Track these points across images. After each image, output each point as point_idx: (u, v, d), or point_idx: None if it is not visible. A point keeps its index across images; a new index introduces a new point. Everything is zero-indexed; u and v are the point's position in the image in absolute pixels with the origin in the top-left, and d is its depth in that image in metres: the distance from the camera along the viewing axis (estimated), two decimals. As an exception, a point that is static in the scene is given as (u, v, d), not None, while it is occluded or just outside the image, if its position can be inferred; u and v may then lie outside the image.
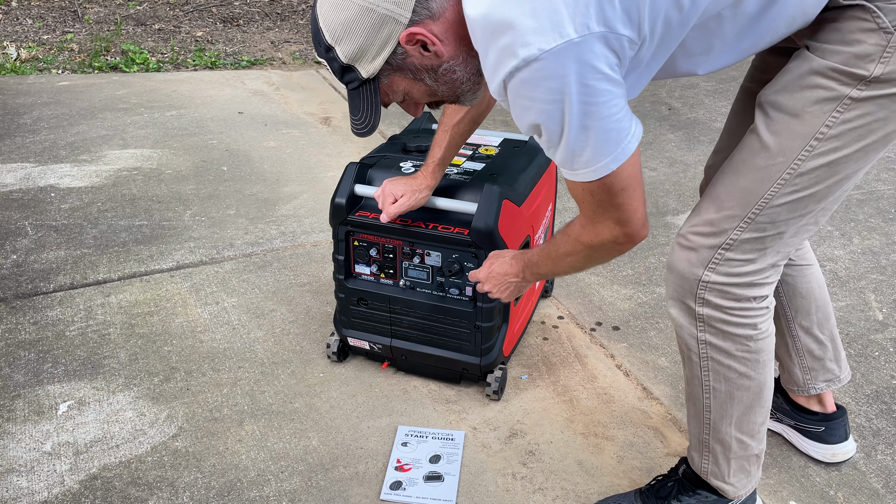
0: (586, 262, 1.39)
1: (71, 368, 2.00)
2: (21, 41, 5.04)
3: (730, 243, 1.26)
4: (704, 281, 1.29)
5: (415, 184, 1.74)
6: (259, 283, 2.41)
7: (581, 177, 1.18)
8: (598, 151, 1.13)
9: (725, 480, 1.46)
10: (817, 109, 1.17)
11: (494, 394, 1.90)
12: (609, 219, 1.25)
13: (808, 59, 1.18)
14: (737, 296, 1.29)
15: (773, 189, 1.22)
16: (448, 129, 1.71)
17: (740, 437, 1.41)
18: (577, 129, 1.10)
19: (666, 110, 4.00)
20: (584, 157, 1.14)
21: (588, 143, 1.12)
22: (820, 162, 1.19)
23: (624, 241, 1.27)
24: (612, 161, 1.14)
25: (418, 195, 1.73)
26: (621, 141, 1.13)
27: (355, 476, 1.69)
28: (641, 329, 2.23)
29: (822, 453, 1.73)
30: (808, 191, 1.22)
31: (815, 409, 1.72)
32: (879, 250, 2.67)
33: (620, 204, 1.21)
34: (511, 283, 1.59)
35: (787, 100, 1.20)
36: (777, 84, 1.23)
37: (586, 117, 1.08)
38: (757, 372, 1.36)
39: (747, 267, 1.27)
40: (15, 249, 2.55)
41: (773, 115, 1.22)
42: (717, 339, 1.33)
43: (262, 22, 5.82)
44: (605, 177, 1.16)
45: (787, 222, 1.24)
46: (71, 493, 1.63)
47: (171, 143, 3.46)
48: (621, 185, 1.18)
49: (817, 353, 1.65)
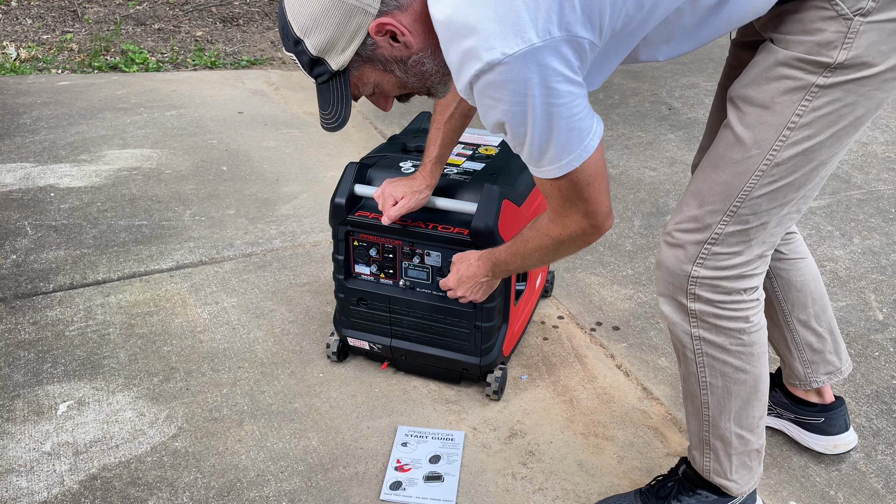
0: (555, 254, 1.44)
1: (70, 368, 2.00)
2: (21, 41, 5.04)
3: (715, 237, 1.28)
4: (694, 276, 1.30)
5: (414, 184, 1.74)
6: (259, 283, 2.40)
7: (547, 174, 1.22)
8: (562, 150, 1.17)
9: (728, 477, 1.46)
10: (787, 99, 1.19)
11: (494, 394, 1.89)
12: (576, 212, 1.29)
13: (772, 52, 1.21)
14: (727, 289, 1.30)
15: (751, 181, 1.24)
16: (440, 127, 1.72)
17: (740, 433, 1.42)
18: (541, 128, 1.14)
19: (666, 110, 4.00)
20: (548, 155, 1.18)
21: (552, 141, 1.16)
22: (794, 151, 1.21)
23: (591, 232, 1.33)
24: (576, 158, 1.18)
25: (418, 196, 1.73)
26: (583, 139, 1.17)
27: (355, 476, 1.69)
28: (641, 329, 2.23)
29: (824, 445, 1.73)
30: (785, 180, 1.24)
31: (813, 401, 1.73)
32: (879, 250, 2.67)
33: (587, 198, 1.26)
34: (482, 283, 1.64)
35: (756, 93, 1.22)
36: (745, 78, 1.25)
37: (549, 118, 1.12)
38: (752, 365, 1.37)
39: (735, 259, 1.29)
40: (15, 249, 2.55)
41: (744, 108, 1.24)
42: (711, 334, 1.34)
43: (262, 22, 5.82)
44: (571, 173, 1.20)
45: (768, 212, 1.26)
46: (71, 494, 1.63)
47: (171, 143, 3.46)
48: (587, 181, 1.23)
49: (816, 345, 1.65)
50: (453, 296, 1.70)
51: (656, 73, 4.59)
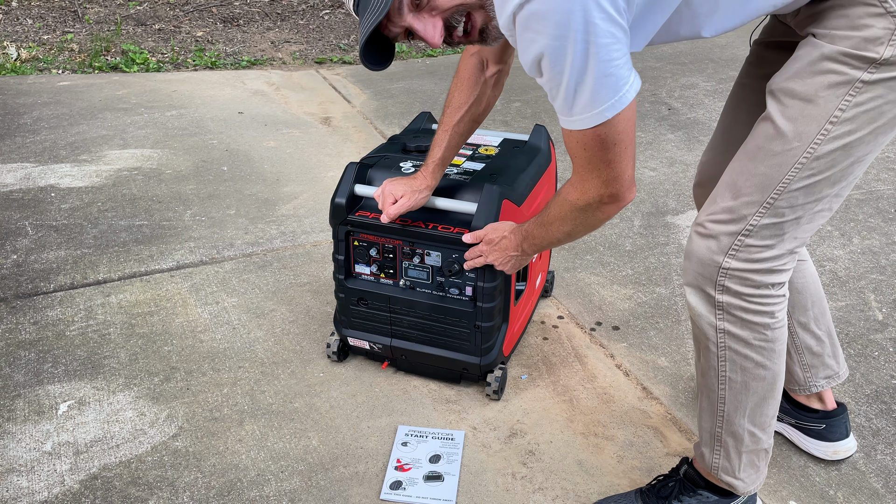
0: (574, 226, 1.43)
1: (71, 368, 2.00)
2: (21, 41, 5.04)
3: (749, 229, 1.28)
4: (725, 268, 1.30)
5: (415, 184, 1.74)
6: (259, 283, 2.41)
7: (578, 123, 1.20)
8: (597, 96, 1.15)
9: (736, 476, 1.46)
10: (830, 94, 1.19)
11: (494, 393, 1.90)
12: (597, 176, 1.28)
13: (817, 46, 1.20)
14: (756, 282, 1.30)
15: (790, 174, 1.24)
16: (448, 129, 1.72)
17: (752, 430, 1.42)
18: (579, 67, 1.12)
19: (666, 110, 4.00)
20: (582, 99, 1.16)
21: (587, 84, 1.14)
22: (835, 145, 1.22)
23: (609, 201, 1.32)
24: (609, 108, 1.17)
25: (418, 195, 1.74)
26: (619, 88, 1.15)
27: (355, 476, 1.69)
28: (641, 329, 2.23)
29: (824, 451, 1.73)
30: (823, 174, 1.24)
31: (815, 407, 1.72)
32: (879, 250, 2.67)
33: (611, 160, 1.24)
34: (512, 257, 1.64)
35: (799, 86, 1.22)
36: (788, 71, 1.25)
37: (587, 57, 1.11)
38: (772, 362, 1.37)
39: (766, 253, 1.29)
40: (15, 249, 2.55)
41: (786, 101, 1.24)
42: (736, 327, 1.34)
43: (262, 22, 5.82)
44: (600, 126, 1.19)
45: (803, 206, 1.26)
46: (71, 493, 1.63)
47: (172, 143, 3.46)
48: (614, 140, 1.21)
49: (816, 349, 1.65)
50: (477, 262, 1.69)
51: (656, 74, 4.59)
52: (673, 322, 2.26)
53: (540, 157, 2.02)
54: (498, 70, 1.68)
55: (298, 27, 5.75)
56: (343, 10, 6.18)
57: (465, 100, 1.69)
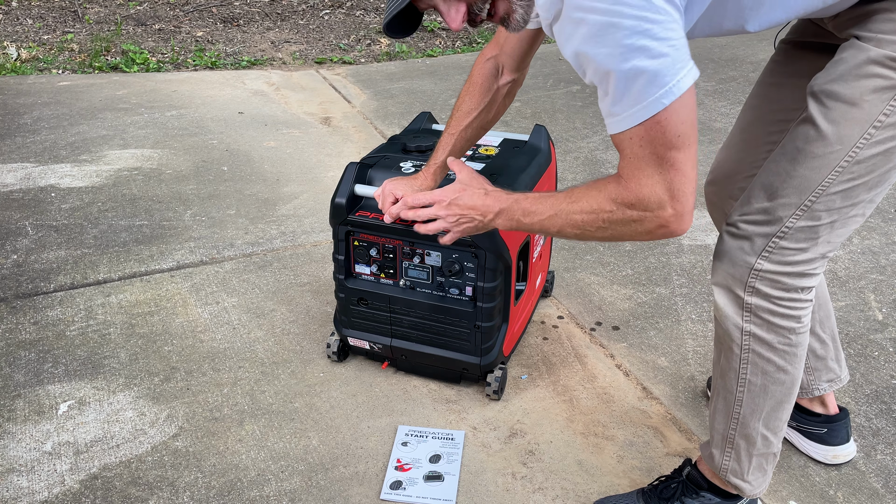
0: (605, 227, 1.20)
1: (71, 368, 2.00)
2: (21, 41, 5.04)
3: (784, 231, 1.26)
4: (757, 269, 1.29)
5: (415, 184, 1.73)
6: (259, 283, 2.41)
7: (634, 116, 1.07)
8: (655, 76, 1.03)
9: (744, 478, 1.46)
10: (876, 98, 1.18)
11: (494, 393, 1.90)
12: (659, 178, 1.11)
13: (863, 49, 1.19)
14: (787, 286, 1.29)
15: (830, 176, 1.23)
16: (455, 134, 1.69)
17: (765, 434, 1.41)
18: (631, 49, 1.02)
19: (666, 110, 4.00)
20: (640, 82, 1.04)
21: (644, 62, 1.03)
22: (877, 150, 1.20)
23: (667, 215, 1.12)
24: (668, 93, 1.04)
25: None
26: (678, 70, 1.04)
27: (355, 476, 1.69)
28: (641, 329, 2.23)
29: (823, 454, 1.73)
30: (862, 179, 1.23)
31: (817, 411, 1.72)
32: (879, 250, 2.67)
33: (674, 160, 1.09)
34: (473, 219, 1.38)
35: (843, 89, 1.20)
36: (831, 73, 1.23)
37: (641, 35, 1.01)
38: (793, 366, 1.36)
39: (800, 256, 1.27)
40: (15, 249, 2.55)
41: (829, 104, 1.22)
42: (762, 330, 1.33)
43: (262, 22, 5.82)
44: (659, 115, 1.06)
45: (840, 210, 1.25)
46: (71, 493, 1.63)
47: (172, 143, 3.46)
48: (676, 130, 1.07)
49: (819, 352, 1.65)
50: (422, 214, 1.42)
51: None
52: (673, 322, 2.26)
53: (540, 158, 2.02)
54: (513, 80, 1.66)
55: (298, 27, 5.75)
56: (343, 10, 6.18)
57: (475, 106, 1.66)
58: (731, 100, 4.13)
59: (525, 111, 4.00)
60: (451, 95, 4.20)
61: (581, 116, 3.88)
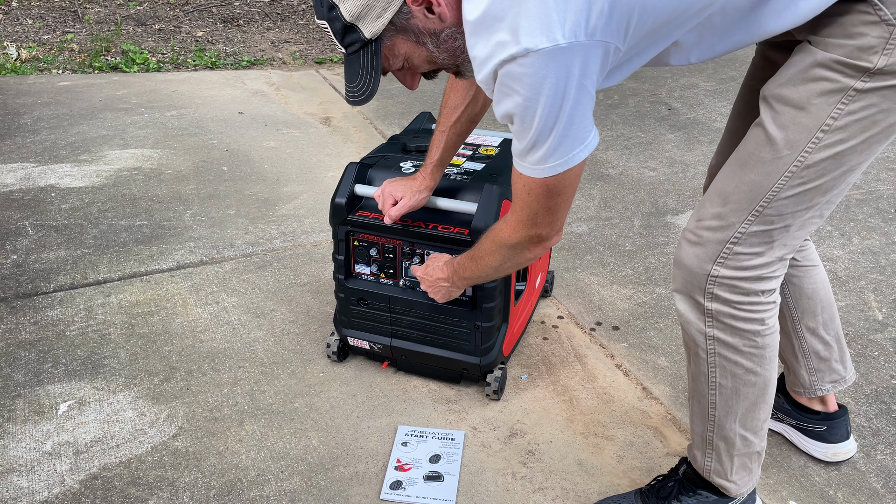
0: (501, 261, 1.47)
1: (71, 368, 2.00)
2: (21, 41, 5.04)
3: (738, 237, 1.27)
4: (713, 275, 1.29)
5: (414, 185, 1.74)
6: (259, 283, 2.41)
7: (531, 171, 1.24)
8: (555, 152, 1.20)
9: (728, 478, 1.46)
10: (823, 101, 1.18)
11: (494, 393, 1.90)
12: (533, 220, 1.33)
13: (811, 53, 1.19)
14: (745, 290, 1.29)
15: (780, 182, 1.23)
16: (445, 130, 1.71)
17: (744, 434, 1.42)
18: (545, 125, 1.16)
19: (666, 110, 4.01)
20: (540, 153, 1.20)
21: (549, 140, 1.18)
22: (826, 154, 1.20)
23: (536, 242, 1.38)
24: (563, 164, 1.21)
25: (418, 196, 1.74)
26: (575, 147, 1.20)
27: (355, 476, 1.69)
28: (641, 329, 2.23)
29: (824, 452, 1.73)
30: (814, 183, 1.23)
31: (817, 409, 1.72)
32: (879, 250, 2.67)
33: (551, 207, 1.30)
34: (442, 286, 1.68)
35: (792, 93, 1.21)
36: (781, 78, 1.24)
37: (556, 118, 1.15)
38: (763, 368, 1.36)
39: (755, 260, 1.28)
40: (15, 249, 2.55)
41: (778, 108, 1.23)
42: (725, 334, 1.33)
43: (262, 22, 5.82)
44: (551, 178, 1.23)
45: (793, 215, 1.25)
46: (71, 493, 1.63)
47: (172, 143, 3.46)
48: (559, 190, 1.26)
49: (823, 353, 1.65)
50: None
51: (656, 74, 4.59)
52: (673, 322, 2.26)
53: (540, 157, 2.02)
54: None
55: (298, 27, 5.75)
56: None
57: (460, 100, 1.68)
58: (730, 100, 4.13)
59: (525, 111, 4.00)
60: (451, 95, 4.20)
61: (581, 116, 3.88)
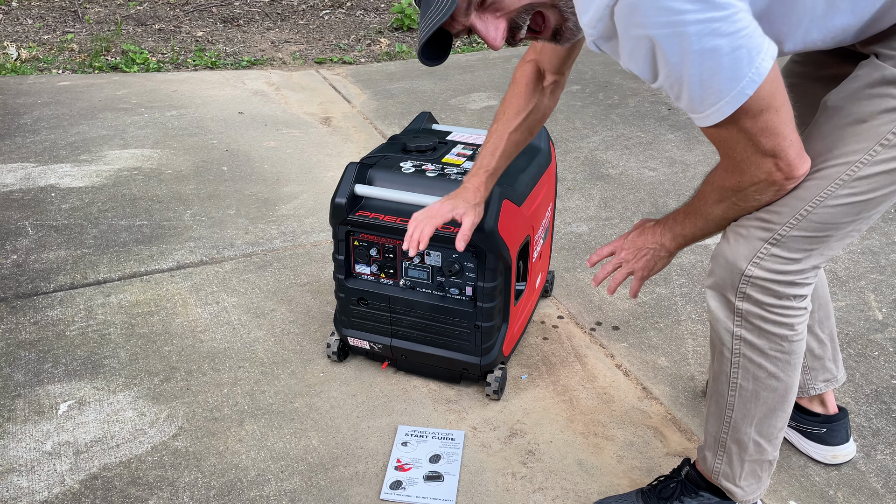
0: (740, 208, 1.27)
1: (71, 368, 2.00)
2: (21, 41, 5.04)
3: (777, 238, 1.25)
4: (747, 275, 1.28)
5: (468, 196, 1.63)
6: (259, 283, 2.41)
7: (718, 114, 1.08)
8: (731, 77, 1.03)
9: (736, 483, 1.45)
10: (886, 118, 1.17)
11: (494, 393, 1.90)
12: (752, 151, 1.13)
13: (879, 68, 1.17)
14: (778, 293, 1.28)
15: (829, 189, 1.21)
16: (504, 136, 1.63)
17: (758, 440, 1.41)
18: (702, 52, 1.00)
19: (666, 110, 4.00)
20: (714, 87, 1.04)
21: (717, 67, 1.02)
22: (880, 168, 1.19)
23: (779, 176, 1.17)
24: (748, 84, 1.04)
25: (478, 209, 1.64)
26: (753, 60, 1.03)
27: (355, 476, 1.69)
28: (641, 329, 2.23)
29: (823, 454, 1.73)
30: (863, 196, 1.21)
31: (817, 411, 1.72)
32: (879, 250, 2.67)
33: (763, 128, 1.10)
34: (648, 250, 1.46)
35: (854, 106, 1.19)
36: (845, 90, 1.22)
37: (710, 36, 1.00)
38: (786, 374, 1.35)
39: (791, 266, 1.26)
40: (15, 249, 2.55)
41: (837, 119, 1.21)
42: (753, 335, 1.32)
43: (262, 22, 5.82)
44: (744, 104, 1.06)
45: (836, 225, 1.24)
46: (71, 493, 1.63)
47: (172, 143, 3.46)
48: (760, 106, 1.07)
49: (817, 352, 1.65)
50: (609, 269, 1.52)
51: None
52: (673, 322, 2.26)
53: (540, 157, 2.02)
54: (555, 81, 1.62)
55: (298, 27, 5.75)
56: (343, 10, 6.18)
57: (522, 107, 1.62)
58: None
59: (525, 111, 4.00)
60: (451, 95, 4.20)
61: (581, 116, 3.88)
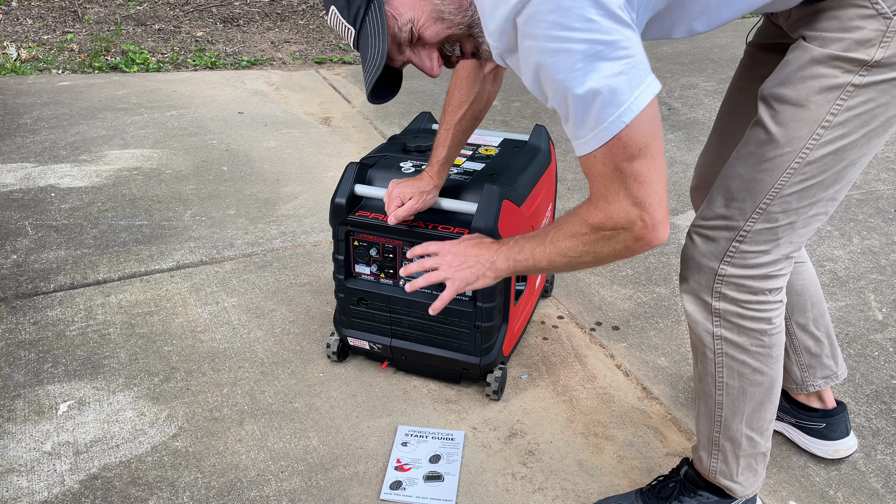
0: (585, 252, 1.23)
1: (71, 368, 2.00)
2: (21, 41, 5.04)
3: (743, 235, 1.27)
4: (721, 274, 1.30)
5: (422, 185, 1.74)
6: (259, 283, 2.41)
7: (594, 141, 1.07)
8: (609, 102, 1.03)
9: (734, 479, 1.46)
10: (821, 98, 1.18)
11: (494, 394, 1.90)
12: (624, 194, 1.11)
13: (807, 50, 1.19)
14: (753, 288, 1.30)
15: (782, 179, 1.23)
16: (450, 128, 1.71)
17: (750, 435, 1.42)
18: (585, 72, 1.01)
19: (666, 110, 4.01)
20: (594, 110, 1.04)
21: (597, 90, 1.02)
22: (827, 150, 1.21)
23: (640, 231, 1.13)
24: (625, 112, 1.04)
25: (426, 196, 1.73)
26: (634, 89, 1.03)
27: (355, 476, 1.69)
28: (641, 329, 2.23)
29: (825, 450, 1.73)
30: (816, 179, 1.23)
31: (815, 406, 1.73)
32: (879, 250, 2.67)
33: (637, 172, 1.08)
34: (477, 263, 1.41)
35: (790, 91, 1.21)
36: (778, 76, 1.24)
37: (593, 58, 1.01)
38: (769, 367, 1.37)
39: (762, 258, 1.28)
40: (15, 249, 2.55)
41: (777, 106, 1.23)
42: (733, 333, 1.34)
43: (262, 22, 5.82)
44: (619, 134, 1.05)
45: (797, 211, 1.26)
46: (71, 493, 1.63)
47: (172, 143, 3.46)
48: (638, 145, 1.06)
49: (814, 349, 1.66)
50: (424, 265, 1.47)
51: (656, 73, 4.59)
52: (673, 322, 2.26)
53: (540, 157, 2.02)
54: (495, 65, 1.66)
55: (298, 27, 5.75)
56: (343, 10, 6.17)
57: (465, 97, 1.68)
58: (730, 100, 4.13)
59: (525, 111, 4.00)
60: (451, 95, 4.20)
61: (581, 116, 3.88)
